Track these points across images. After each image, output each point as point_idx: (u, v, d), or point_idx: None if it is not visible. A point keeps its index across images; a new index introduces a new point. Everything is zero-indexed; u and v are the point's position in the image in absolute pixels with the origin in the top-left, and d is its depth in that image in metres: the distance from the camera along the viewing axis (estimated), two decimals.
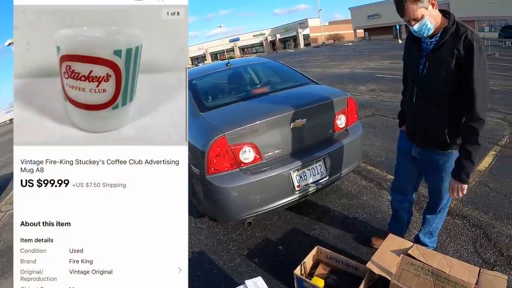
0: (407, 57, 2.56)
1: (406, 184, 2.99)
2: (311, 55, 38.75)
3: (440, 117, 2.33)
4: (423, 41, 2.33)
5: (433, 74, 2.26)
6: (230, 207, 3.15)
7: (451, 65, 2.15)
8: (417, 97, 2.42)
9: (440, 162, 2.49)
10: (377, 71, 16.63)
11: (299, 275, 2.71)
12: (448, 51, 2.14)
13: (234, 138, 3.06)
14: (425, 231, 2.96)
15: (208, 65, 5.53)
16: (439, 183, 2.60)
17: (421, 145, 2.57)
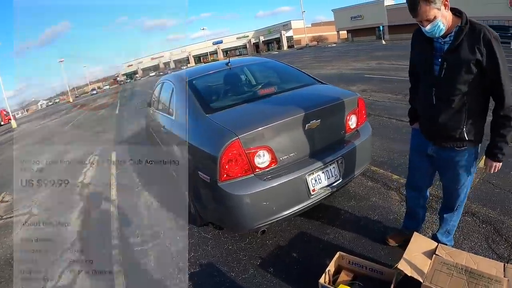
0: (419, 58, 2.57)
1: (421, 181, 2.98)
2: (295, 57, 38.90)
3: (460, 116, 2.36)
4: (435, 41, 2.34)
5: (453, 75, 2.26)
6: (245, 216, 2.96)
7: (472, 65, 2.18)
8: (436, 99, 2.41)
9: (457, 159, 2.52)
10: (365, 71, 16.72)
11: (324, 283, 2.57)
12: (467, 51, 2.16)
13: (249, 141, 2.88)
14: (443, 231, 2.95)
15: (207, 64, 5.36)
16: (455, 180, 2.62)
17: (439, 143, 2.56)
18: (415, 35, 2.54)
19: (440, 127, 2.44)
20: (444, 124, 2.41)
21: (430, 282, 2.34)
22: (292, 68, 4.82)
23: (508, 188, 4.05)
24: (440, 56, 2.31)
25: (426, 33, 2.23)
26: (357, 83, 13.17)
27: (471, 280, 2.28)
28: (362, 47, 39.44)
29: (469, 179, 2.63)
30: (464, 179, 2.59)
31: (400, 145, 5.94)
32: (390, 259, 3.06)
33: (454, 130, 2.40)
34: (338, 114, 3.51)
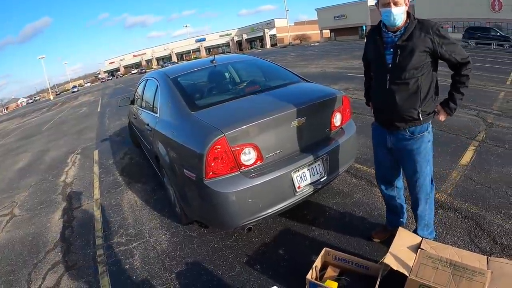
0: (371, 54, 2.80)
1: (388, 174, 3.08)
2: (279, 55, 39.04)
3: (415, 97, 2.55)
4: (386, 37, 2.60)
5: (405, 61, 2.47)
6: (231, 213, 2.93)
7: (424, 51, 2.45)
8: (390, 83, 2.59)
9: (415, 146, 2.68)
10: (348, 70, 16.86)
11: (311, 279, 2.57)
12: (419, 39, 2.43)
13: (235, 138, 2.86)
14: (421, 226, 3.01)
15: (192, 62, 5.30)
16: (416, 168, 2.75)
17: (396, 128, 2.70)
18: (368, 36, 2.84)
19: (395, 108, 2.60)
20: (400, 106, 2.58)
21: (416, 276, 2.37)
22: (277, 66, 4.81)
23: (489, 184, 4.14)
24: (391, 47, 2.54)
25: (388, 18, 2.47)
26: (340, 82, 13.27)
27: (456, 273, 2.31)
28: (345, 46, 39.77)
29: (428, 167, 2.78)
30: (424, 166, 2.73)
31: None
32: (375, 254, 3.10)
33: (410, 111, 2.58)
34: (323, 112, 3.51)
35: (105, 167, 7.03)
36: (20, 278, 3.67)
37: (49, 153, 9.65)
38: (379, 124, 2.88)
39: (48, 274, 3.64)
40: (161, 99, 4.01)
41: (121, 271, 3.46)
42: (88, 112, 19.42)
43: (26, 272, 3.74)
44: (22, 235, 4.63)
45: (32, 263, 3.90)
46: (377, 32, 2.66)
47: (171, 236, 3.91)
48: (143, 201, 5.00)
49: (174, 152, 3.48)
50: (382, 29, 2.62)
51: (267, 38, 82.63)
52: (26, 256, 4.06)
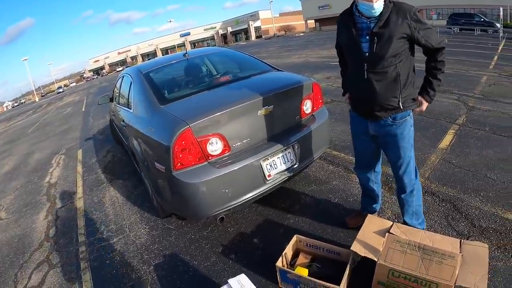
0: (345, 41, 2.68)
1: (368, 161, 3.06)
2: (263, 47, 38.98)
3: (395, 85, 2.48)
4: (359, 22, 2.48)
5: (384, 49, 2.38)
6: (201, 203, 2.96)
7: (401, 37, 2.36)
8: (368, 72, 2.50)
9: (398, 131, 2.63)
10: (331, 59, 16.82)
11: (281, 267, 2.61)
12: (397, 25, 2.33)
13: (200, 129, 2.88)
14: (409, 213, 2.95)
15: (165, 56, 5.30)
16: (400, 154, 2.70)
17: (377, 118, 2.64)
18: (339, 21, 2.71)
19: (377, 99, 2.52)
20: (380, 95, 2.51)
21: (384, 261, 2.38)
22: (249, 57, 4.82)
23: (468, 167, 4.19)
24: (367, 34, 2.43)
25: (367, 11, 2.36)
26: (323, 71, 13.29)
27: (425, 257, 2.32)
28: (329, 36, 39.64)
29: (412, 151, 2.74)
30: (408, 150, 2.69)
31: None
32: (349, 240, 3.07)
33: (391, 100, 2.52)
34: (291, 100, 3.53)
35: (88, 166, 7.02)
36: (7, 279, 3.67)
37: (34, 155, 9.57)
38: (358, 114, 2.82)
39: (33, 274, 3.65)
40: (134, 94, 4.02)
41: (102, 266, 3.49)
42: (72, 112, 19.24)
43: (13, 273, 3.75)
44: (8, 238, 4.63)
45: (18, 263, 3.90)
46: (350, 17, 2.53)
47: (150, 230, 3.94)
48: (124, 197, 5.02)
49: (146, 146, 3.50)
50: (355, 13, 2.49)
51: (252, 30, 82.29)
52: (12, 257, 4.07)
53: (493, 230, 3.05)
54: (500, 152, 4.51)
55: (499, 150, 4.55)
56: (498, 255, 2.75)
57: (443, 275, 2.20)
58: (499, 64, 11.62)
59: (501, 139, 4.93)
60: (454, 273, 2.19)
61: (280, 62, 18.94)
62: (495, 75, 9.67)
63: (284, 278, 2.63)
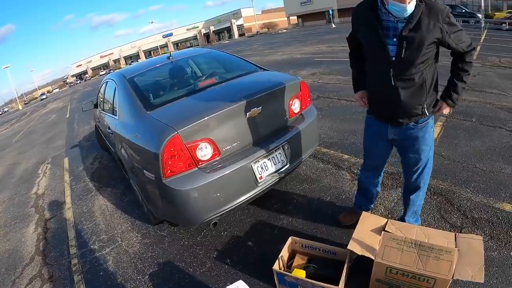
0: (369, 39, 2.40)
1: (378, 164, 2.99)
2: (246, 45, 38.97)
3: (421, 92, 2.35)
4: (385, 19, 2.24)
5: (415, 54, 2.20)
6: (194, 210, 2.92)
7: (433, 43, 2.19)
8: (395, 79, 2.32)
9: (420, 135, 2.51)
10: (315, 55, 16.92)
11: (278, 270, 2.58)
12: (429, 30, 2.13)
13: (189, 135, 2.83)
14: (410, 212, 2.94)
15: (149, 60, 5.22)
16: (420, 157, 2.60)
17: (399, 123, 2.52)
18: (358, 13, 2.46)
19: (402, 107, 2.39)
20: (406, 103, 2.36)
21: (381, 259, 2.37)
22: (234, 57, 4.78)
23: (457, 159, 4.22)
24: (394, 36, 2.21)
25: (399, 12, 2.11)
26: (307, 67, 13.31)
27: (422, 253, 2.32)
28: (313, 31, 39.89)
29: (430, 153, 2.64)
30: (427, 152, 2.60)
31: (350, 125, 6.09)
32: (344, 238, 3.12)
33: (416, 107, 2.39)
34: (279, 100, 3.50)
35: (75, 175, 6.90)
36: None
37: (20, 166, 9.39)
38: (377, 118, 2.67)
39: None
40: (119, 100, 3.94)
41: (96, 278, 3.42)
42: (57, 119, 18.96)
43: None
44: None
45: (10, 280, 3.81)
46: (372, 12, 2.28)
47: (142, 238, 3.88)
48: (114, 205, 4.94)
49: (133, 154, 3.44)
50: (380, 9, 2.24)
51: (234, 28, 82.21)
52: (4, 274, 3.96)
53: (486, 220, 3.09)
54: (488, 142, 4.57)
55: (487, 140, 4.61)
56: (492, 245, 2.78)
57: (441, 270, 2.20)
58: (482, 54, 11.78)
59: (488, 129, 4.99)
60: (451, 268, 2.19)
61: (264, 60, 18.92)
62: (479, 66, 9.80)
63: (282, 281, 2.61)
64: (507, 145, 4.45)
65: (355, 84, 2.90)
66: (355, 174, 4.27)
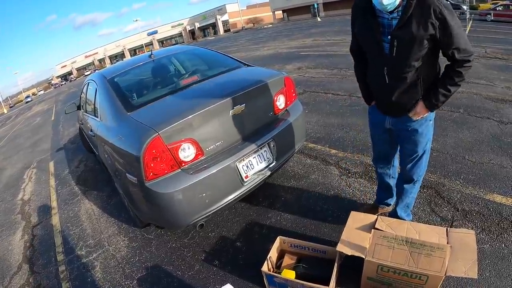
0: (364, 36, 2.39)
1: (385, 152, 2.95)
2: (232, 41, 38.80)
3: (415, 89, 2.30)
4: (381, 17, 2.19)
5: (406, 53, 2.14)
6: (178, 213, 2.84)
7: (424, 40, 2.07)
8: (389, 78, 2.31)
9: (416, 127, 2.47)
10: (301, 49, 16.89)
11: (267, 271, 2.54)
12: (419, 26, 2.03)
13: (170, 135, 2.75)
14: (402, 204, 2.90)
15: (130, 59, 5.11)
16: (416, 149, 2.56)
17: (396, 115, 2.52)
18: (356, 11, 2.40)
19: (396, 103, 2.38)
20: (399, 100, 2.35)
21: (372, 257, 2.34)
22: (217, 53, 4.71)
23: (446, 150, 4.22)
24: (389, 33, 2.16)
25: (379, 5, 2.06)
26: (293, 62, 13.27)
27: (413, 250, 2.30)
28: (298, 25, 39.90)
29: (427, 146, 2.59)
30: (423, 145, 2.55)
31: (337, 119, 6.05)
32: (334, 235, 3.08)
33: (410, 103, 2.36)
34: (264, 96, 3.44)
35: (61, 178, 6.78)
36: None
37: (5, 171, 9.22)
38: (378, 108, 2.67)
39: None
40: (100, 102, 3.84)
41: (84, 285, 3.34)
42: (42, 122, 18.71)
43: None
44: None
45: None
46: (368, 8, 2.23)
47: (129, 242, 3.81)
48: (100, 208, 4.85)
49: (116, 157, 3.34)
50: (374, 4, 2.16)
51: (219, 24, 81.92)
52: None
53: (476, 212, 3.07)
54: (476, 133, 4.57)
55: (475, 132, 4.62)
56: (483, 238, 2.77)
57: (433, 267, 2.18)
58: None
59: (475, 120, 5.00)
60: (444, 264, 2.17)
61: (249, 56, 18.78)
62: None
63: (271, 283, 2.56)
64: (495, 136, 4.45)
65: (365, 97, 2.82)
66: (343, 169, 4.24)
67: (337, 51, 13.69)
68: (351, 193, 3.72)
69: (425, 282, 2.21)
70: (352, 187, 3.82)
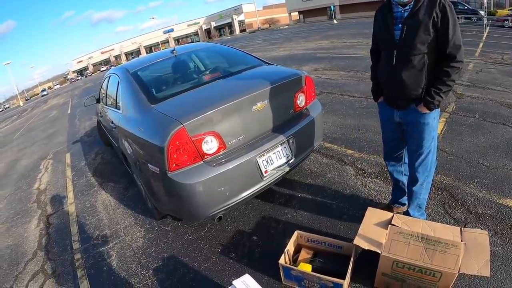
0: (381, 28, 2.68)
1: (396, 149, 3.05)
2: (248, 41, 38.88)
3: (420, 75, 2.50)
4: (395, 11, 2.53)
5: (413, 36, 2.41)
6: (199, 204, 2.89)
7: (429, 27, 2.35)
8: (397, 59, 2.55)
9: (421, 120, 2.62)
10: (317, 51, 16.86)
11: (284, 264, 2.58)
12: (425, 15, 2.35)
13: (195, 128, 2.81)
14: (414, 205, 2.96)
15: (152, 54, 5.19)
16: (421, 143, 2.69)
17: (402, 106, 2.68)
18: (378, 11, 2.75)
19: (401, 87, 2.56)
20: (404, 82, 2.53)
21: (388, 252, 2.36)
22: (238, 51, 4.76)
23: (461, 154, 4.21)
24: (400, 23, 2.48)
25: None
26: (309, 63, 13.26)
27: (429, 247, 2.31)
28: (314, 27, 39.77)
29: (433, 143, 2.71)
30: (429, 141, 2.67)
31: (353, 120, 6.06)
32: (349, 232, 3.11)
33: (415, 89, 2.53)
34: (285, 94, 3.48)
35: (77, 170, 6.90)
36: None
37: (22, 162, 9.39)
38: (385, 101, 2.85)
39: (29, 285, 3.56)
40: (123, 94, 3.92)
41: (100, 273, 3.41)
42: (58, 115, 18.96)
43: (8, 285, 3.65)
44: (0, 248, 4.51)
45: (13, 275, 3.80)
46: (387, 6, 2.58)
47: (146, 233, 3.87)
48: (117, 200, 4.93)
49: (137, 148, 3.42)
50: (392, 2, 2.54)
51: (235, 24, 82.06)
52: (6, 269, 3.96)
53: (489, 216, 3.08)
54: (491, 138, 4.56)
55: (490, 137, 4.60)
56: (496, 241, 2.78)
57: (447, 264, 2.20)
58: (484, 51, 11.74)
59: (491, 126, 4.98)
60: (458, 262, 2.18)
61: (266, 56, 18.78)
62: (482, 62, 9.76)
63: (287, 275, 2.60)
64: (510, 141, 4.43)
65: (374, 93, 3.03)
66: (359, 169, 4.26)
67: (354, 54, 13.65)
68: (366, 192, 3.75)
69: (439, 279, 2.23)
70: (368, 187, 3.84)
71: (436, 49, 2.44)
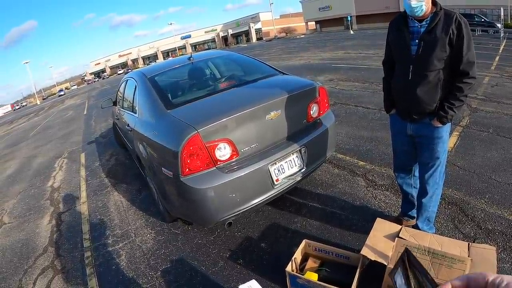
0: (396, 42, 2.71)
1: (407, 162, 3.06)
2: (264, 49, 39.01)
3: (435, 90, 2.54)
4: (411, 26, 2.56)
5: (429, 52, 2.45)
6: (210, 209, 2.95)
7: (446, 43, 2.40)
8: (413, 74, 2.58)
9: (434, 134, 2.66)
10: (333, 61, 16.85)
11: (291, 271, 2.60)
12: (442, 32, 2.39)
13: (208, 134, 2.87)
14: (423, 218, 2.96)
15: (169, 60, 5.28)
16: (433, 155, 2.73)
17: (416, 120, 2.71)
18: (392, 23, 2.76)
19: (416, 100, 2.59)
20: (420, 97, 2.57)
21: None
22: (254, 60, 4.81)
23: (473, 169, 4.18)
24: (417, 38, 2.51)
25: (409, 9, 2.43)
26: (325, 73, 13.26)
27: (435, 261, 2.32)
28: (331, 37, 39.77)
29: (443, 156, 2.74)
30: (440, 154, 2.70)
31: (366, 132, 6.06)
32: (357, 243, 3.11)
33: (430, 104, 2.57)
34: (299, 104, 3.52)
35: (91, 170, 7.00)
36: (11, 284, 3.66)
37: (37, 159, 9.56)
38: (399, 114, 2.88)
39: (38, 279, 3.63)
40: (139, 99, 4.00)
41: (108, 272, 3.47)
42: (74, 115, 19.23)
43: (17, 279, 3.73)
44: (12, 242, 4.62)
45: (22, 269, 3.89)
46: (403, 20, 2.60)
47: (156, 235, 3.92)
48: (129, 201, 5.00)
49: (152, 151, 3.49)
50: (408, 16, 2.56)
51: (252, 32, 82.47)
52: (16, 263, 4.05)
53: (499, 232, 3.06)
54: (504, 154, 4.51)
55: (503, 152, 4.55)
56: (504, 257, 2.76)
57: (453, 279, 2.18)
58: (500, 64, 11.58)
59: (504, 141, 4.92)
60: None
61: (282, 65, 18.78)
62: (497, 76, 9.64)
63: (293, 283, 2.62)
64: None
65: (386, 104, 3.05)
66: (370, 180, 4.26)
67: (369, 65, 13.62)
68: (376, 204, 3.75)
69: None
70: (378, 199, 3.84)
71: (450, 65, 2.49)
